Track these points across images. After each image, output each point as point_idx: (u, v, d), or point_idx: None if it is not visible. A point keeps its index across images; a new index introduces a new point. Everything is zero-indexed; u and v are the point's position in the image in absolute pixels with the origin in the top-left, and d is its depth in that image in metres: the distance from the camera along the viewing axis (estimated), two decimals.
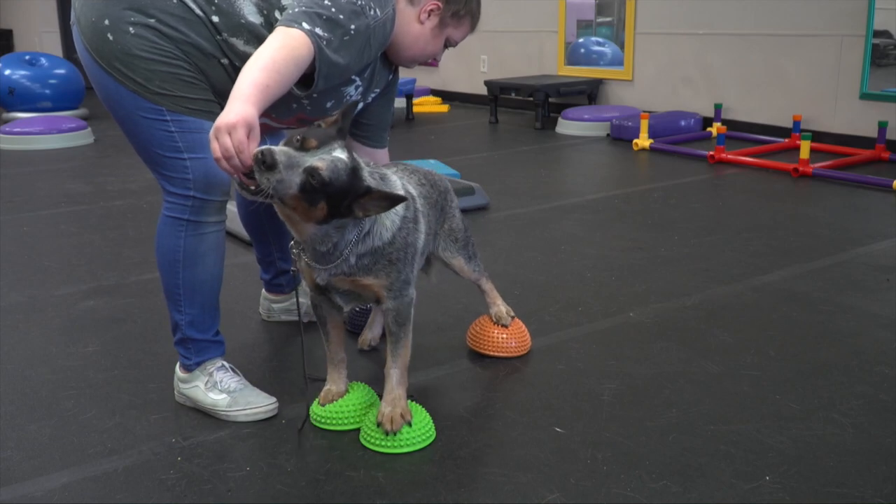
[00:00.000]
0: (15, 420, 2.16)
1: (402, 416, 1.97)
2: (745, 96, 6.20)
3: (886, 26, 5.38)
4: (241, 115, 1.74)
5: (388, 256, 1.94)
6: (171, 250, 2.10)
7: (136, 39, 1.95)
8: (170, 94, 1.98)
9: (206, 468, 1.91)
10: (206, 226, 2.09)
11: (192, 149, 2.02)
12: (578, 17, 7.54)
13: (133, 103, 1.99)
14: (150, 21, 1.95)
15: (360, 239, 1.89)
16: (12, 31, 12.37)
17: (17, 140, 6.40)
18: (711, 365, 2.39)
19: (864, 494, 1.76)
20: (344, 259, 1.90)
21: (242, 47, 2.00)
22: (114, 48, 1.96)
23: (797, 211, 4.12)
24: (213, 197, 2.07)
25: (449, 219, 2.33)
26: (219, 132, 1.74)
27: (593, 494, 1.78)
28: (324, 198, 1.76)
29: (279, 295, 2.74)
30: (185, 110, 2.00)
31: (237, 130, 1.72)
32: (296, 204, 1.76)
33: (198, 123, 2.02)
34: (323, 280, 1.95)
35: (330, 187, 1.75)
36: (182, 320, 2.15)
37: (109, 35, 1.95)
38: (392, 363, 2.02)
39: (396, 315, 2.00)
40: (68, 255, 3.60)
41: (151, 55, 1.96)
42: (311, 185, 1.72)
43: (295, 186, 1.72)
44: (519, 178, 5.00)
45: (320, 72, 1.95)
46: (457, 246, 2.35)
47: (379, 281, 1.95)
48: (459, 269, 2.39)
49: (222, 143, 1.73)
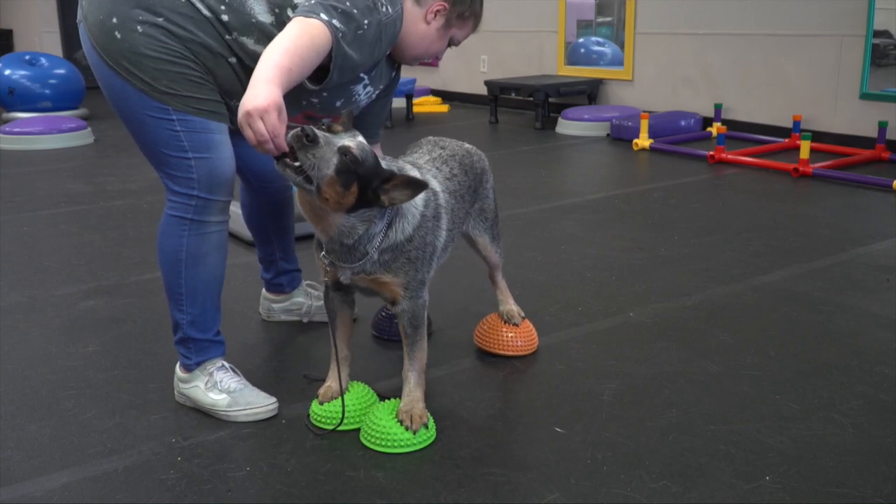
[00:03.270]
0: (15, 420, 2.16)
1: (419, 416, 1.99)
2: (745, 96, 6.19)
3: (886, 26, 5.38)
4: (270, 98, 1.75)
5: (408, 254, 1.96)
6: (173, 250, 2.10)
7: (144, 38, 1.95)
8: (177, 93, 1.98)
9: (206, 468, 1.91)
10: (210, 225, 2.09)
11: (197, 148, 2.02)
12: (578, 17, 7.53)
13: (139, 102, 1.99)
14: (158, 20, 1.95)
15: (384, 233, 1.91)
16: (12, 31, 12.36)
17: (17, 140, 6.40)
18: (711, 365, 2.39)
19: (864, 494, 1.76)
20: (368, 256, 1.92)
21: (252, 46, 2.01)
22: (121, 46, 1.95)
23: (797, 211, 4.12)
24: (216, 197, 2.07)
25: (482, 198, 2.36)
26: (250, 118, 1.75)
27: (593, 494, 1.78)
28: (356, 179, 1.79)
29: (279, 295, 2.75)
30: (192, 110, 2.00)
31: (269, 114, 1.74)
32: (330, 188, 1.78)
33: (203, 123, 2.02)
34: (347, 279, 1.97)
35: (361, 167, 1.79)
36: (183, 320, 2.15)
37: (117, 33, 1.95)
38: (410, 366, 2.04)
39: (411, 317, 2.01)
40: (68, 255, 3.60)
41: (159, 54, 1.95)
42: (345, 164, 1.77)
43: (332, 166, 1.76)
44: (519, 178, 5.00)
45: (335, 63, 1.95)
46: (485, 225, 2.39)
47: (397, 279, 1.96)
48: (483, 247, 2.42)
49: (256, 129, 1.75)
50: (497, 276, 2.51)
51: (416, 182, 1.85)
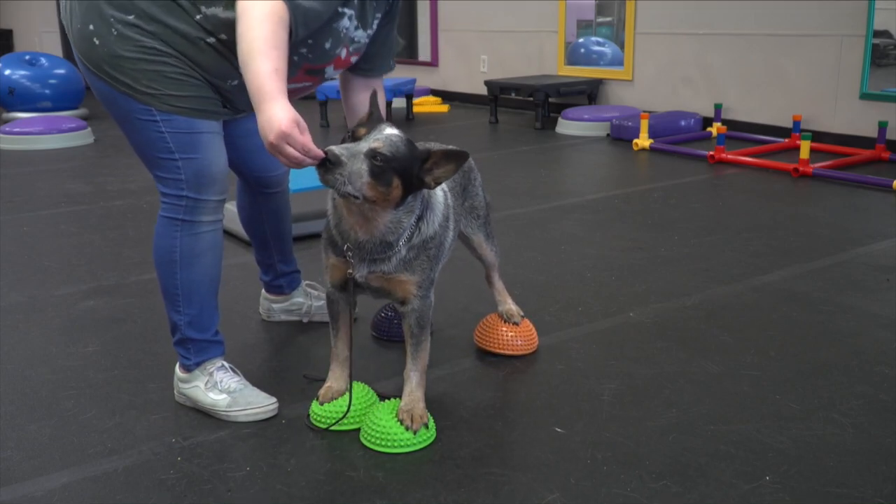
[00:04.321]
0: (15, 420, 2.16)
1: (420, 416, 1.99)
2: (745, 96, 6.19)
3: (886, 26, 5.38)
4: (284, 118, 1.74)
5: (428, 252, 1.96)
6: (167, 251, 2.10)
7: (120, 40, 1.94)
8: (157, 92, 1.97)
9: (206, 468, 1.91)
10: (202, 225, 2.09)
11: (183, 149, 2.02)
12: (578, 17, 7.53)
13: (126, 105, 2.00)
14: (129, 18, 1.93)
15: (416, 225, 1.91)
16: (12, 31, 12.37)
17: (17, 140, 6.40)
18: (711, 365, 2.39)
19: (864, 494, 1.76)
20: (396, 251, 1.91)
21: (224, 14, 1.94)
22: (101, 52, 1.96)
23: (797, 211, 4.12)
24: (206, 196, 2.06)
25: (471, 196, 2.35)
26: (276, 148, 1.75)
27: (593, 494, 1.78)
28: (394, 174, 1.79)
29: (279, 295, 2.74)
30: (175, 109, 1.99)
31: (292, 136, 1.74)
32: (373, 192, 1.78)
33: (188, 123, 2.01)
34: (363, 277, 1.96)
35: (395, 161, 1.78)
36: (181, 321, 2.15)
37: (95, 40, 1.96)
38: (412, 366, 2.04)
39: (419, 317, 2.01)
40: (68, 255, 3.60)
41: (136, 54, 1.94)
42: (377, 166, 1.76)
43: (365, 174, 1.75)
44: (519, 178, 5.00)
45: (297, 21, 1.89)
46: (478, 223, 2.39)
47: (414, 277, 1.96)
48: (478, 246, 2.41)
49: (288, 156, 1.75)
50: (494, 276, 2.51)
51: (455, 153, 1.85)
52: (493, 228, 2.47)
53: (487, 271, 2.50)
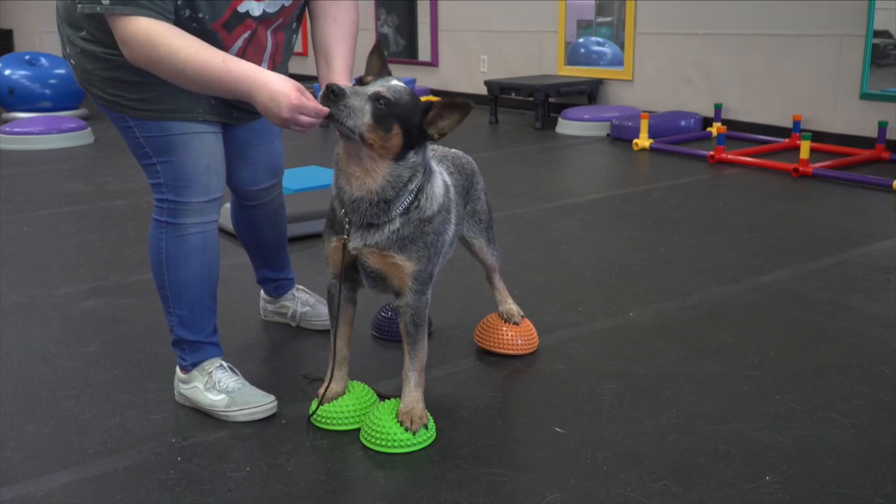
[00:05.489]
0: (15, 420, 2.16)
1: (419, 417, 1.99)
2: (745, 96, 6.19)
3: (886, 26, 5.37)
4: (288, 90, 1.78)
5: (426, 237, 1.95)
6: (155, 252, 2.13)
7: (83, 56, 1.98)
8: (123, 99, 1.99)
9: (206, 468, 1.91)
10: (186, 227, 2.09)
11: (159, 153, 2.04)
12: (578, 17, 7.52)
13: (112, 116, 2.05)
14: (82, 34, 1.96)
15: (415, 195, 1.90)
16: (12, 31, 12.36)
17: (17, 140, 6.40)
18: (711, 365, 2.39)
19: (864, 494, 1.76)
20: (391, 220, 1.90)
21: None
22: (78, 72, 2.02)
23: (797, 211, 4.12)
24: (186, 199, 2.06)
25: (473, 200, 2.35)
26: (291, 122, 1.79)
27: (593, 494, 1.78)
28: (395, 120, 1.80)
29: (269, 297, 2.74)
30: (142, 114, 2.00)
31: (303, 105, 1.77)
32: (372, 135, 1.79)
33: (158, 126, 2.01)
34: (357, 249, 1.93)
35: (397, 107, 1.80)
36: (173, 321, 2.16)
37: (72, 60, 2.02)
38: (410, 365, 2.03)
39: (414, 314, 2.00)
40: (68, 255, 3.60)
41: (96, 66, 1.98)
42: (379, 108, 1.78)
43: (367, 115, 1.78)
44: (519, 178, 5.00)
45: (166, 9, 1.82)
46: (479, 227, 2.38)
47: (410, 264, 1.94)
48: (479, 251, 2.41)
49: (303, 124, 1.79)
50: (494, 277, 2.51)
51: (457, 103, 1.86)
52: (496, 234, 2.46)
53: (488, 273, 2.51)
